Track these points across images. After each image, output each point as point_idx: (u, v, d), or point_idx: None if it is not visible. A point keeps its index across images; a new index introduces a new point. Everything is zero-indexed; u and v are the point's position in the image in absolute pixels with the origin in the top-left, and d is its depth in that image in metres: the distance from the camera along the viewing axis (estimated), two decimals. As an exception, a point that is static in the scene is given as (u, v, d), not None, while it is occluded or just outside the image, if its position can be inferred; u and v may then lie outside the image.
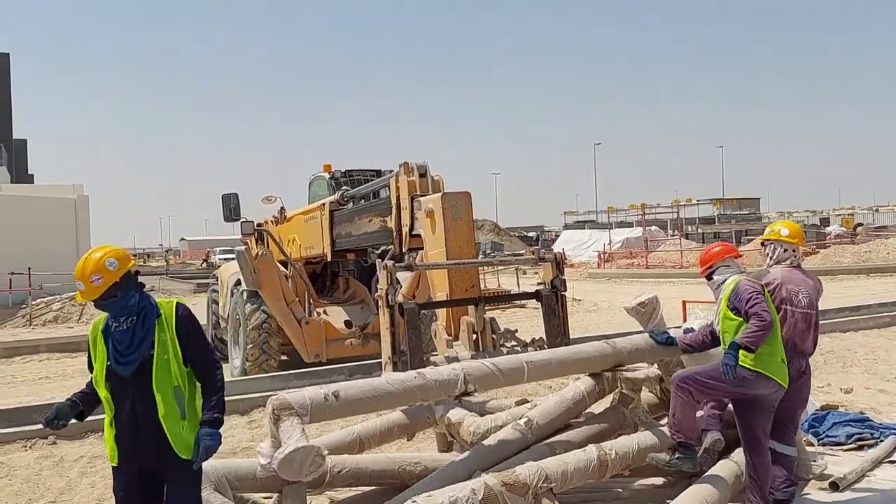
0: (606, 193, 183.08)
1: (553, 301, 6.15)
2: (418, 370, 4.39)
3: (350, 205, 9.53)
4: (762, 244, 5.03)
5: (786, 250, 4.82)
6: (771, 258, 4.86)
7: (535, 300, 6.42)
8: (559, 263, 6.24)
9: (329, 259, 10.01)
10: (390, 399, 4.08)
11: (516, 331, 6.38)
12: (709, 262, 4.74)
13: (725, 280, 4.56)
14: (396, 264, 5.90)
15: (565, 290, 6.24)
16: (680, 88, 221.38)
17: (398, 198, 7.33)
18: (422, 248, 6.97)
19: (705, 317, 5.21)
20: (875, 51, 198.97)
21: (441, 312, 6.48)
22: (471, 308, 6.10)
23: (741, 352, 4.21)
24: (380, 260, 5.83)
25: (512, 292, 15.94)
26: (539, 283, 6.36)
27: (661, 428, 4.78)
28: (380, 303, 5.78)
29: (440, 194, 6.60)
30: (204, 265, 51.11)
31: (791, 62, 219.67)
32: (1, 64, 54.72)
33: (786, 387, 4.37)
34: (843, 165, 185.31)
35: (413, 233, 7.13)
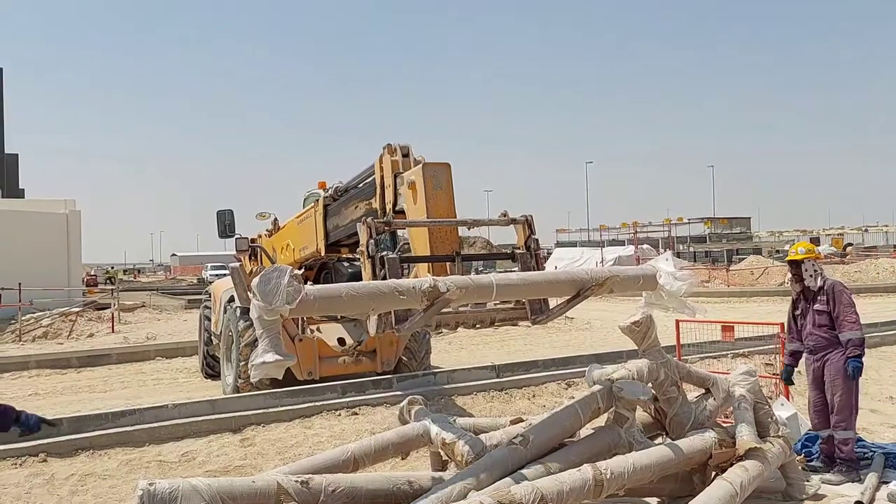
0: (598, 212, 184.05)
1: (528, 259, 6.17)
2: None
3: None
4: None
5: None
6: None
7: (511, 260, 6.44)
8: (530, 224, 6.27)
9: (323, 254, 9.87)
10: (373, 293, 4.43)
11: None
12: None
13: None
14: (376, 220, 5.89)
15: (539, 248, 6.27)
16: (672, 107, 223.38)
17: (382, 177, 7.32)
18: None
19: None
20: (864, 73, 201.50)
21: (421, 273, 6.44)
22: (449, 266, 6.08)
23: None
24: (360, 220, 5.84)
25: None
26: (515, 248, 6.40)
27: (657, 447, 4.79)
28: (361, 259, 5.78)
29: (421, 165, 6.56)
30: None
31: (781, 83, 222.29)
32: (-6, 78, 54.76)
33: None
34: (833, 186, 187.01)
35: (396, 209, 7.13)
